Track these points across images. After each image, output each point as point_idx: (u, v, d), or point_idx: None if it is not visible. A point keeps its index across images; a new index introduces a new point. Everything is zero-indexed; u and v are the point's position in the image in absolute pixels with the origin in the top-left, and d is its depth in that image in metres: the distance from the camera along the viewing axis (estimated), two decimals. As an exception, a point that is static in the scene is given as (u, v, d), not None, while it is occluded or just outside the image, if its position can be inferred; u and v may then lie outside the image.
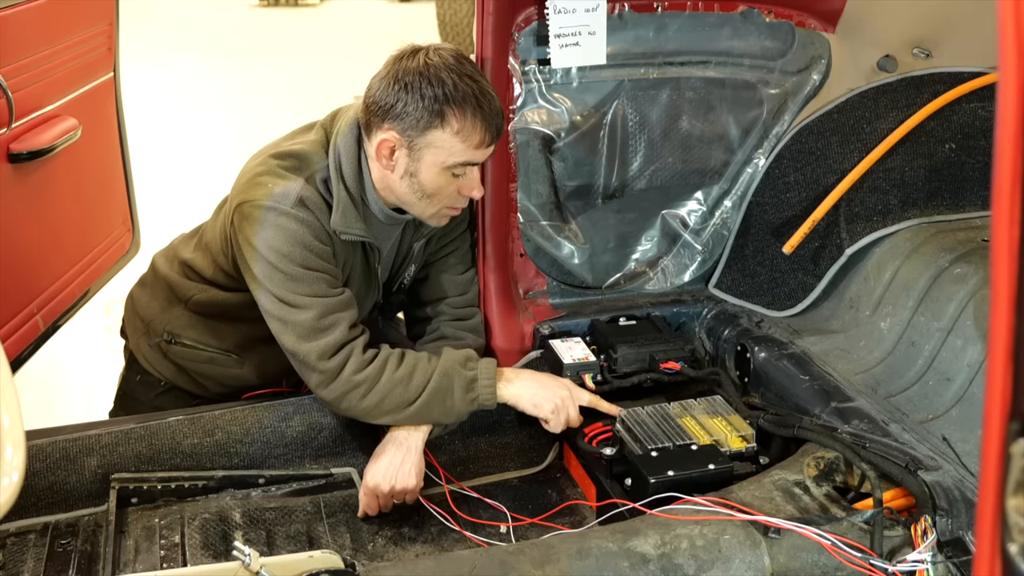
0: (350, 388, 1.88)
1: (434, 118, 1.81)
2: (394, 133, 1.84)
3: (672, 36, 2.26)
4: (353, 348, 1.88)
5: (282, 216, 1.85)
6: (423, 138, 1.83)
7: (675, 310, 2.40)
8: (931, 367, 1.96)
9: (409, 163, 1.87)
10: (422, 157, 1.85)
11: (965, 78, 2.33)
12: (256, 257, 1.87)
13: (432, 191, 1.90)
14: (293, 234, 1.85)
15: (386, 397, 1.89)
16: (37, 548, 1.84)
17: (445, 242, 2.17)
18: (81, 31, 2.76)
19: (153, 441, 1.99)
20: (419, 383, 1.90)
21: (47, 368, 3.34)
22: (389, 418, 1.93)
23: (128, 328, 2.29)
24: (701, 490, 1.71)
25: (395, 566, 1.59)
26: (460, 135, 1.83)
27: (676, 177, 2.41)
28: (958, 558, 1.57)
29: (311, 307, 1.86)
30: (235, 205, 1.91)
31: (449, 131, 1.82)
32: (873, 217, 2.24)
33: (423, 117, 1.81)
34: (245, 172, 1.96)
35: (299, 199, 1.86)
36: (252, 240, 1.87)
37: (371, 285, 2.09)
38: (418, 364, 1.92)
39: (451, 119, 1.82)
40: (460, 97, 1.81)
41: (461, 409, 1.95)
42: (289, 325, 1.87)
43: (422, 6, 10.63)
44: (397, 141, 1.85)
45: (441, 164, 1.86)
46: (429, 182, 1.88)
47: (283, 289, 1.86)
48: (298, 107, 4.30)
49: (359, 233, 1.93)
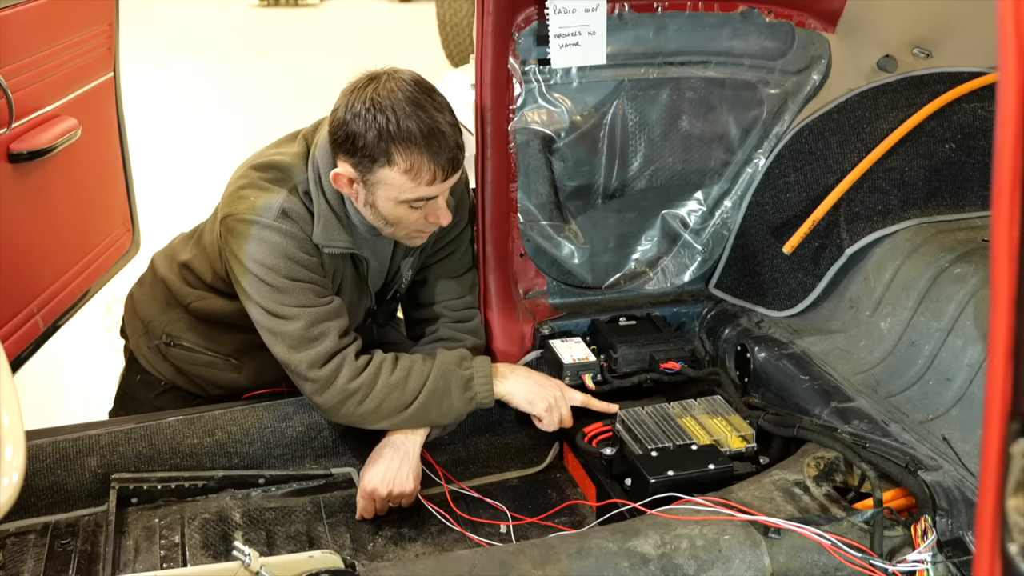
0: (346, 396, 1.88)
1: (380, 156, 1.78)
2: (348, 167, 1.83)
3: (672, 36, 2.26)
4: (345, 356, 1.88)
5: (265, 229, 1.85)
6: (372, 175, 1.81)
7: (675, 310, 2.40)
8: (931, 367, 1.96)
9: (367, 195, 1.86)
10: (376, 192, 1.84)
11: (965, 78, 2.33)
12: (243, 271, 1.87)
13: (394, 221, 1.88)
14: (277, 247, 1.85)
15: (383, 402, 1.89)
16: (37, 548, 1.84)
17: (443, 243, 2.16)
18: (81, 31, 2.76)
19: (153, 441, 1.99)
20: (415, 386, 1.91)
21: (47, 368, 3.34)
22: (387, 422, 1.93)
23: (128, 328, 2.29)
24: (701, 490, 1.71)
25: (395, 566, 1.59)
26: (409, 174, 1.79)
27: (676, 177, 2.41)
28: (958, 558, 1.57)
29: (299, 318, 1.86)
30: (220, 219, 1.92)
31: (397, 170, 1.79)
32: (873, 217, 2.24)
33: (369, 155, 1.79)
34: (229, 185, 1.97)
35: (282, 211, 1.86)
36: (238, 254, 1.87)
37: (363, 293, 2.09)
38: (413, 367, 1.92)
39: (397, 159, 1.78)
40: (405, 136, 1.76)
41: (459, 409, 1.95)
42: (279, 336, 1.87)
43: (422, 6, 10.62)
44: (351, 173, 1.83)
45: (395, 199, 1.83)
46: (388, 213, 1.87)
47: (270, 301, 1.86)
48: (298, 107, 4.30)
49: (343, 246, 1.92)
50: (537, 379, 2.02)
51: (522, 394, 1.98)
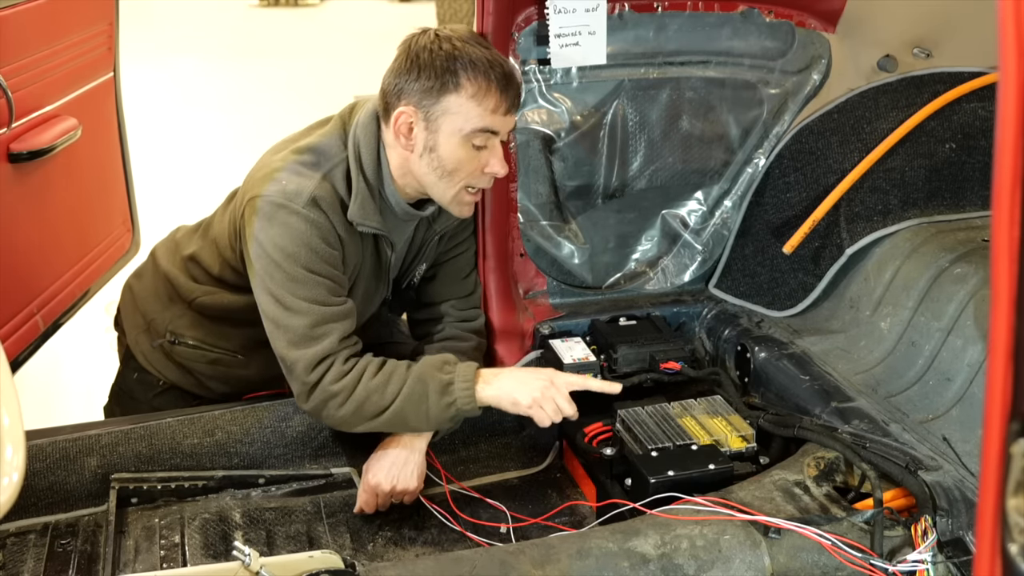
0: (328, 397, 1.85)
1: (447, 82, 1.80)
2: (410, 107, 1.83)
3: (672, 36, 2.26)
4: (335, 359, 1.85)
5: (292, 215, 1.84)
6: (438, 105, 1.82)
7: (675, 310, 2.40)
8: (931, 367, 1.96)
9: (428, 137, 1.85)
10: (440, 127, 1.83)
11: (965, 78, 2.33)
12: (261, 254, 1.85)
13: (453, 166, 1.86)
14: (301, 234, 1.83)
15: (363, 405, 1.85)
16: (37, 548, 1.84)
17: (455, 243, 2.16)
18: (81, 31, 2.76)
19: (153, 441, 1.99)
20: (394, 390, 1.85)
21: (47, 368, 3.34)
22: (366, 426, 1.88)
23: (125, 322, 2.24)
24: (701, 490, 1.70)
25: (395, 566, 1.59)
26: (475, 98, 1.81)
27: (676, 177, 2.42)
28: (958, 558, 1.57)
29: (307, 314, 1.84)
30: (248, 198, 1.89)
31: (464, 94, 1.81)
32: (873, 217, 2.24)
33: (436, 84, 1.81)
34: (262, 166, 1.94)
35: (312, 198, 1.84)
36: (259, 235, 1.85)
37: (381, 280, 2.08)
38: (395, 371, 1.87)
39: (464, 82, 1.80)
40: (472, 61, 1.80)
41: (438, 414, 1.87)
42: (282, 329, 1.85)
43: (422, 6, 10.64)
44: (414, 114, 1.84)
45: (459, 132, 1.83)
46: (449, 155, 1.85)
47: (282, 289, 1.84)
48: (298, 107, 4.30)
49: (375, 226, 1.92)
50: (521, 376, 1.90)
51: (506, 396, 1.87)
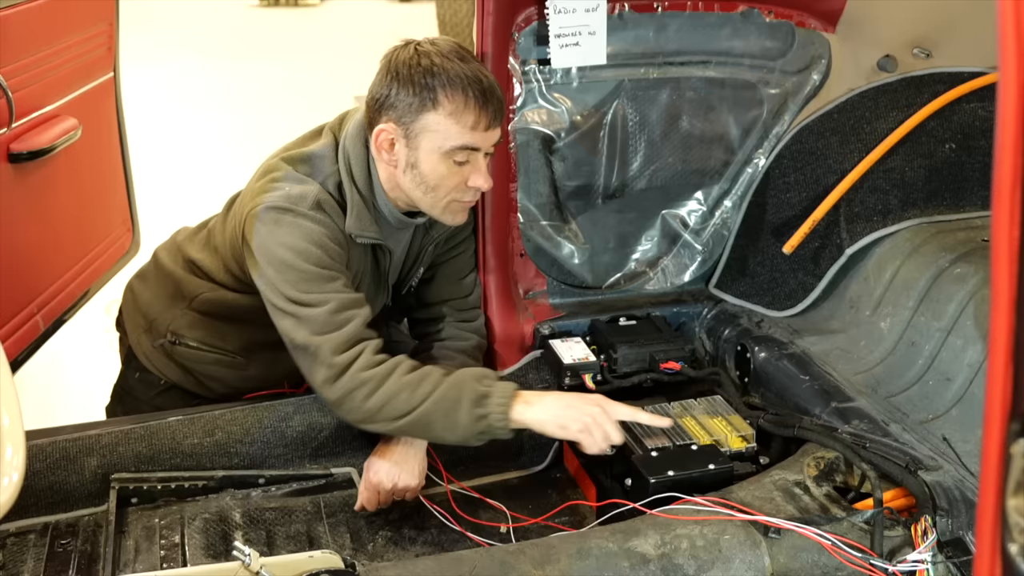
0: (355, 386, 1.79)
1: (425, 100, 1.79)
2: (391, 123, 1.83)
3: (672, 36, 2.26)
4: (366, 346, 1.82)
5: (300, 217, 1.83)
6: (417, 123, 1.82)
7: (675, 310, 2.40)
8: (931, 367, 1.96)
9: (409, 153, 1.85)
10: (420, 144, 1.83)
11: (965, 78, 2.33)
12: (270, 259, 1.83)
13: (435, 182, 1.86)
14: (311, 233, 1.83)
15: (391, 400, 1.79)
16: (37, 548, 1.84)
17: (452, 244, 2.16)
18: (81, 31, 2.76)
19: (153, 441, 1.99)
20: (426, 390, 1.80)
21: (47, 368, 3.34)
22: (388, 426, 1.83)
23: (127, 323, 2.24)
24: (701, 490, 1.70)
25: (395, 566, 1.59)
26: (453, 116, 1.80)
27: (676, 177, 2.42)
28: (958, 558, 1.57)
29: (327, 302, 1.81)
30: (248, 211, 1.88)
31: (442, 112, 1.80)
32: (873, 217, 2.24)
33: (415, 101, 1.80)
34: (258, 177, 1.95)
35: (316, 202, 1.85)
36: (267, 241, 1.84)
37: (380, 288, 2.08)
38: (430, 373, 1.82)
39: (442, 99, 1.79)
40: (450, 77, 1.79)
41: (467, 425, 1.79)
42: (303, 321, 1.81)
43: (422, 6, 10.63)
44: (394, 131, 1.84)
45: (439, 149, 1.82)
46: (430, 172, 1.85)
47: (296, 290, 1.81)
48: (298, 107, 4.31)
49: (373, 236, 1.92)
50: (568, 400, 1.83)
51: (552, 420, 1.78)
